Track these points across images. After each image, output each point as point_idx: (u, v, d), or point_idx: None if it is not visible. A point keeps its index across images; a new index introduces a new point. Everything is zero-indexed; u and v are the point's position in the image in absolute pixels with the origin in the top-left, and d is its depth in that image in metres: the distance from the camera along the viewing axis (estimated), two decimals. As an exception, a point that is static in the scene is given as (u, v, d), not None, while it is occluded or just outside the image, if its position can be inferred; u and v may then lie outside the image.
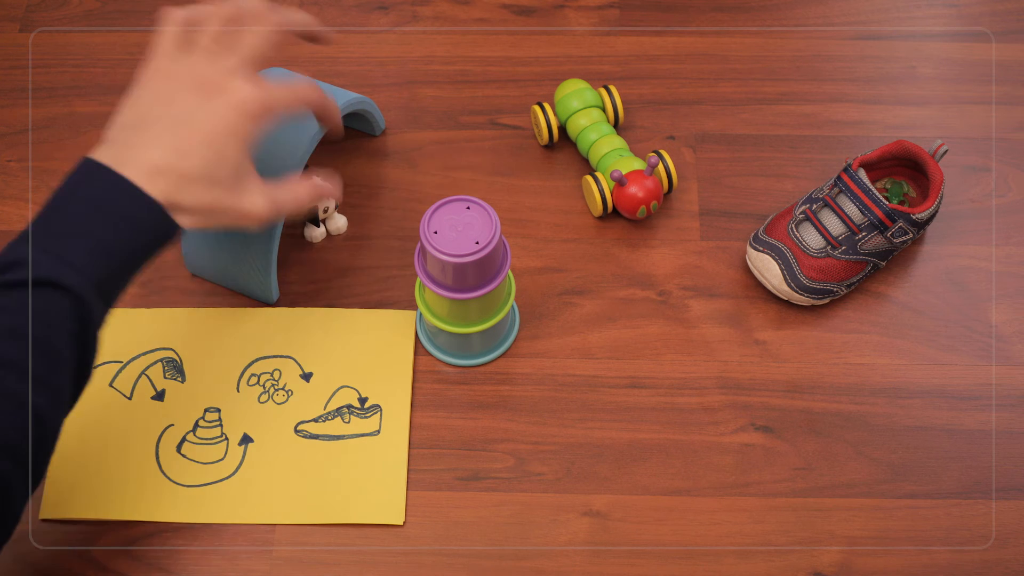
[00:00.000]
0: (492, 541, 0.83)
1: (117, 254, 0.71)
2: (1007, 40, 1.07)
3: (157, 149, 0.72)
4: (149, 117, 0.73)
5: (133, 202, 0.71)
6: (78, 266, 0.69)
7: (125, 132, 0.74)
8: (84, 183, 0.71)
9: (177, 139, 0.72)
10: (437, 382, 0.90)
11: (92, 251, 0.69)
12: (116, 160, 0.71)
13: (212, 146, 0.73)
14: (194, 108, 0.73)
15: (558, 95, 0.99)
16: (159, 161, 0.71)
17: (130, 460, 0.86)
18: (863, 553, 0.82)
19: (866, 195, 0.88)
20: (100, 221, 0.70)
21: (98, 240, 0.70)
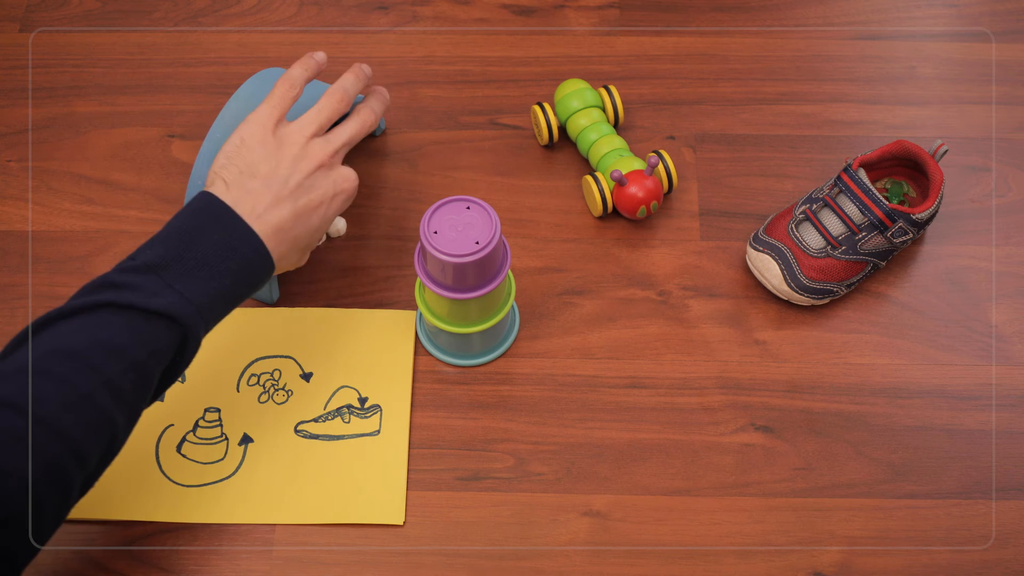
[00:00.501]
0: (492, 541, 0.83)
1: (232, 301, 0.76)
2: (1007, 40, 1.07)
3: (282, 211, 0.78)
4: (264, 171, 0.79)
5: (259, 258, 0.77)
6: (201, 309, 0.73)
7: (244, 179, 0.78)
8: (215, 225, 0.76)
9: (297, 207, 0.79)
10: (437, 382, 0.90)
11: (215, 297, 0.74)
12: (242, 209, 0.77)
13: (321, 220, 0.81)
14: (313, 180, 0.80)
15: (558, 95, 0.99)
16: (283, 224, 0.78)
17: (130, 460, 0.85)
18: (863, 553, 0.82)
19: (866, 195, 0.88)
20: (230, 269, 0.75)
21: (223, 287, 0.75)
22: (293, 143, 0.80)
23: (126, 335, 0.70)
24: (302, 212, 0.79)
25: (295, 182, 0.79)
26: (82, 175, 1.00)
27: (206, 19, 1.09)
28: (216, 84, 1.05)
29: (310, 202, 0.80)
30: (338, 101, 0.83)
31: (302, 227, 0.80)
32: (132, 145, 1.01)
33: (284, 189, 0.79)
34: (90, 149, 1.01)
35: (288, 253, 0.80)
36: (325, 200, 0.81)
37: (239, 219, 0.76)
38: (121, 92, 1.05)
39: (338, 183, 0.82)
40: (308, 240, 0.81)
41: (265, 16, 1.09)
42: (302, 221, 0.80)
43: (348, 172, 0.83)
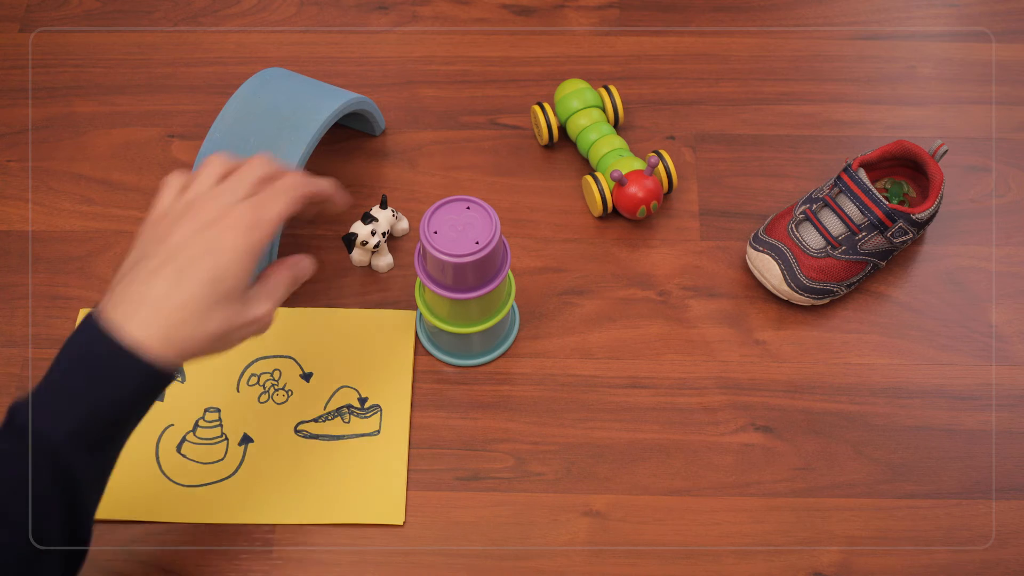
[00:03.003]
0: (492, 541, 0.83)
1: (97, 402, 0.68)
2: (1007, 40, 1.07)
3: (159, 285, 0.68)
4: (150, 251, 0.70)
5: (131, 369, 0.67)
6: (52, 414, 0.67)
7: (126, 275, 0.70)
8: (83, 344, 0.68)
9: (179, 269, 0.69)
10: (437, 382, 0.90)
11: (68, 400, 0.67)
12: (119, 311, 0.68)
13: (216, 268, 0.69)
14: (192, 238, 0.70)
15: (558, 95, 0.99)
16: (161, 299, 0.68)
17: (130, 460, 0.86)
18: (863, 553, 0.82)
19: (866, 195, 0.88)
20: (83, 375, 0.67)
21: (76, 390, 0.67)
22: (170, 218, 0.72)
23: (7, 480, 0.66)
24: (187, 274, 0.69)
25: (172, 245, 0.70)
26: (82, 175, 1.00)
27: (206, 19, 1.09)
28: (216, 84, 1.05)
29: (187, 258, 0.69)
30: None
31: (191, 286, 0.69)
32: (132, 145, 1.02)
33: (159, 258, 0.69)
34: (90, 149, 1.01)
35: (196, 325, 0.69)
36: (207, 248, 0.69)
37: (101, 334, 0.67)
38: (121, 92, 1.05)
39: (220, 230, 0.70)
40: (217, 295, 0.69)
41: (265, 16, 1.09)
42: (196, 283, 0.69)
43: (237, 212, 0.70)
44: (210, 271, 0.69)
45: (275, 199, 0.72)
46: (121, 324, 0.68)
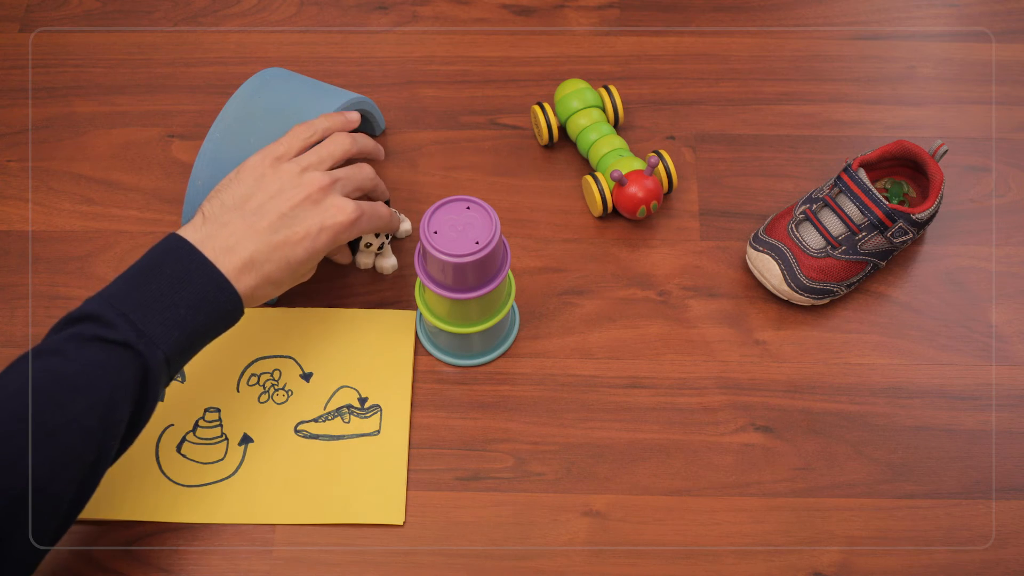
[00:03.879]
0: (492, 541, 0.83)
1: (192, 334, 0.74)
2: (1007, 40, 1.07)
3: (253, 244, 0.76)
4: (251, 203, 0.78)
5: (219, 293, 0.75)
6: (154, 339, 0.72)
7: (223, 212, 0.77)
8: (172, 260, 0.74)
9: (275, 239, 0.77)
10: (437, 382, 0.90)
11: (170, 327, 0.73)
12: (211, 245, 0.76)
13: (307, 254, 0.79)
14: (297, 211, 0.78)
15: (558, 95, 0.99)
16: (253, 257, 0.76)
17: (130, 460, 0.85)
18: (863, 553, 0.82)
19: (866, 195, 0.88)
20: (185, 302, 0.73)
21: (179, 319, 0.73)
22: (285, 173, 0.79)
23: (90, 370, 0.70)
24: (280, 245, 0.77)
25: (276, 214, 0.77)
26: (82, 175, 1.00)
27: (206, 19, 1.09)
28: (216, 84, 1.05)
29: (291, 235, 0.78)
30: (346, 141, 0.82)
31: (278, 261, 0.78)
32: (132, 145, 1.02)
33: (262, 221, 0.77)
34: (90, 149, 1.01)
35: (262, 286, 0.78)
36: (310, 234, 0.78)
37: (196, 252, 0.75)
38: (121, 92, 1.05)
39: (328, 216, 0.79)
40: (287, 274, 0.79)
41: (265, 16, 1.09)
42: (279, 254, 0.77)
43: (343, 203, 0.80)
44: (301, 255, 0.78)
45: (374, 214, 0.83)
46: (214, 260, 0.75)
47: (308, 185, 0.79)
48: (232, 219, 0.77)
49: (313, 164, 0.80)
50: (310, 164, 0.80)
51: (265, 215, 0.77)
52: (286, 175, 0.79)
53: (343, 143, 0.83)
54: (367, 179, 0.84)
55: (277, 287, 0.79)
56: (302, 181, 0.79)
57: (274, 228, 0.77)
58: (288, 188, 0.78)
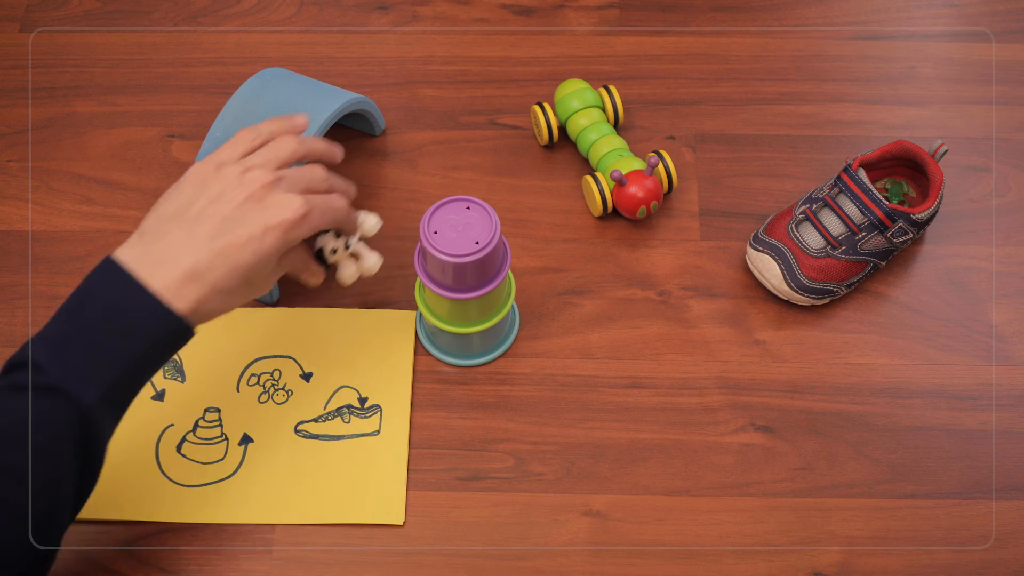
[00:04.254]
0: (492, 541, 0.83)
1: (131, 366, 0.69)
2: (1007, 40, 1.07)
3: (194, 253, 0.70)
4: (191, 211, 0.72)
5: (154, 318, 0.69)
6: (86, 377, 0.67)
7: (162, 224, 0.71)
8: (103, 288, 0.69)
9: (217, 245, 0.71)
10: (437, 382, 0.90)
11: (103, 362, 0.67)
12: (146, 261, 0.70)
13: (255, 257, 0.72)
14: (240, 212, 0.72)
15: (558, 95, 0.99)
16: (195, 267, 0.70)
17: (130, 460, 0.85)
18: (863, 553, 0.82)
19: (866, 195, 0.88)
20: (117, 332, 0.68)
21: (112, 351, 0.68)
22: (226, 176, 0.73)
23: (21, 421, 0.65)
24: (223, 250, 0.70)
25: (218, 217, 0.71)
26: (82, 175, 1.00)
27: (206, 19, 1.09)
28: (216, 84, 1.05)
29: (235, 238, 0.71)
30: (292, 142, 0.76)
31: (224, 267, 0.70)
32: (132, 145, 1.02)
33: (202, 227, 0.71)
34: (90, 149, 1.01)
35: (211, 297, 0.71)
36: (255, 235, 0.71)
37: (125, 276, 0.69)
38: (121, 92, 1.05)
39: (271, 214, 0.72)
40: (237, 282, 0.72)
41: (265, 16, 1.09)
42: (224, 260, 0.70)
43: (288, 199, 0.73)
44: (250, 258, 0.71)
45: (326, 206, 0.75)
46: (149, 278, 0.69)
47: (250, 184, 0.72)
48: (170, 230, 0.71)
49: (257, 165, 0.74)
50: (253, 165, 0.74)
51: (205, 221, 0.71)
52: (227, 177, 0.73)
53: (289, 144, 0.76)
54: (317, 179, 0.76)
55: (228, 298, 0.72)
56: (243, 180, 0.72)
57: (215, 233, 0.71)
58: (229, 190, 0.72)
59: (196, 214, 0.71)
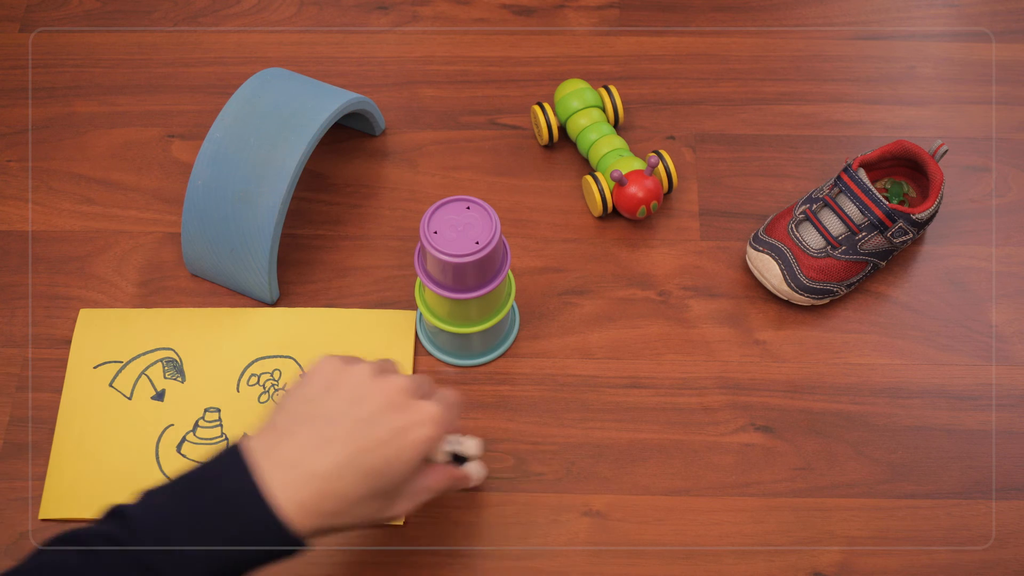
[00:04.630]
0: (492, 541, 0.83)
1: (235, 565, 0.64)
2: (1007, 40, 1.07)
3: (326, 459, 0.65)
4: (316, 409, 0.67)
5: (267, 532, 0.64)
6: (182, 562, 0.63)
7: (290, 421, 0.67)
8: (226, 479, 0.65)
9: (353, 453, 0.66)
10: (437, 382, 0.89)
11: (203, 554, 0.63)
12: (278, 457, 0.65)
13: (389, 468, 0.67)
14: (378, 419, 0.67)
15: (558, 95, 0.99)
16: (323, 476, 0.65)
17: (130, 460, 0.85)
18: (863, 553, 0.82)
19: (866, 195, 0.88)
20: (224, 534, 0.63)
21: (215, 551, 0.63)
22: (358, 378, 0.69)
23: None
24: (359, 452, 0.65)
25: (352, 419, 0.66)
26: (82, 175, 1.00)
27: (206, 19, 1.09)
28: (216, 84, 1.05)
29: (369, 442, 0.66)
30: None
31: (356, 474, 0.65)
32: (132, 145, 1.02)
33: (338, 428, 0.66)
34: (90, 149, 1.01)
35: (342, 515, 0.66)
36: (395, 442, 0.67)
37: (248, 478, 0.64)
38: (121, 92, 1.05)
39: (410, 420, 0.67)
40: (367, 490, 0.66)
41: (265, 16, 1.09)
42: (357, 467, 0.65)
43: (427, 406, 0.69)
44: (382, 465, 0.66)
45: (452, 415, 0.71)
46: (270, 481, 0.64)
47: (385, 389, 0.68)
48: (300, 429, 0.66)
49: (388, 369, 0.71)
50: (385, 368, 0.70)
51: (334, 422, 0.66)
52: (360, 375, 0.69)
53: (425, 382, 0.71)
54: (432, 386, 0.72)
55: (354, 508, 0.66)
56: (376, 385, 0.68)
57: (350, 437, 0.66)
58: (363, 392, 0.68)
59: (324, 413, 0.67)
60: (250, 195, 0.86)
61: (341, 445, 0.65)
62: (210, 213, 0.88)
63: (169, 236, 0.96)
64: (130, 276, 0.94)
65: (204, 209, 0.88)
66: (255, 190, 0.86)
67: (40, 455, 0.86)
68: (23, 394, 0.89)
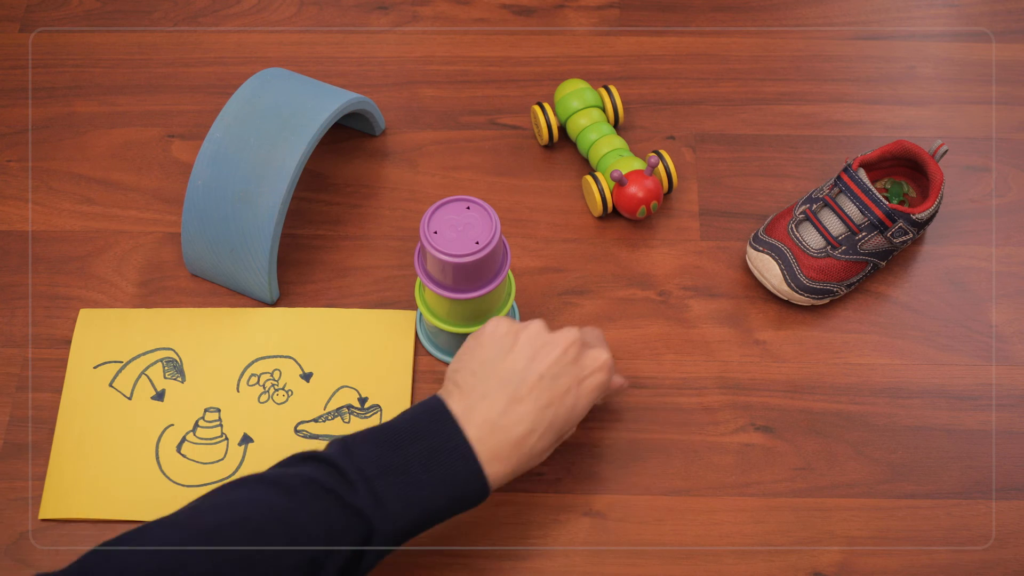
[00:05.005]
0: (492, 541, 0.83)
1: (430, 515, 0.71)
2: (1007, 40, 1.07)
3: (519, 421, 0.72)
4: (499, 369, 0.73)
5: (468, 483, 0.71)
6: (391, 515, 0.69)
7: (478, 382, 0.73)
8: (433, 433, 0.71)
9: (541, 409, 0.73)
10: (437, 382, 0.89)
11: (411, 505, 0.69)
12: (477, 418, 0.71)
13: (571, 416, 0.75)
14: (558, 370, 0.74)
15: (558, 95, 0.99)
16: (522, 437, 0.72)
17: (130, 460, 0.86)
18: (863, 553, 0.82)
19: (866, 195, 0.88)
20: (432, 482, 0.70)
21: (421, 499, 0.70)
22: (532, 335, 0.75)
23: (314, 525, 0.66)
24: (546, 412, 0.73)
25: (535, 375, 0.73)
26: (82, 175, 1.00)
27: (206, 19, 1.09)
28: (216, 84, 1.05)
29: (556, 398, 0.73)
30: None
31: (546, 430, 0.73)
32: (132, 145, 1.02)
33: (523, 386, 0.73)
34: (90, 149, 1.01)
35: (523, 467, 0.73)
36: (575, 392, 0.74)
37: (458, 432, 0.71)
38: (121, 92, 1.05)
39: (585, 368, 0.75)
40: (553, 440, 0.74)
41: (265, 16, 1.09)
42: (548, 424, 0.73)
43: (597, 353, 0.76)
44: (566, 415, 0.74)
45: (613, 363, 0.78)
46: (473, 439, 0.71)
47: (560, 342, 0.75)
48: (490, 389, 0.72)
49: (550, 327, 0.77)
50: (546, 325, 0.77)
51: (524, 380, 0.73)
52: (533, 338, 0.75)
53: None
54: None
55: (535, 459, 0.74)
56: (551, 339, 0.75)
57: (537, 393, 0.73)
58: (540, 348, 0.74)
59: (509, 372, 0.73)
60: (250, 195, 0.86)
61: (532, 403, 0.72)
62: (210, 213, 0.88)
63: (169, 236, 0.96)
64: (130, 276, 0.94)
65: (204, 209, 0.88)
66: (255, 190, 0.86)
67: (40, 455, 0.86)
68: (23, 394, 0.89)
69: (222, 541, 0.65)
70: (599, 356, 0.76)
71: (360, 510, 0.68)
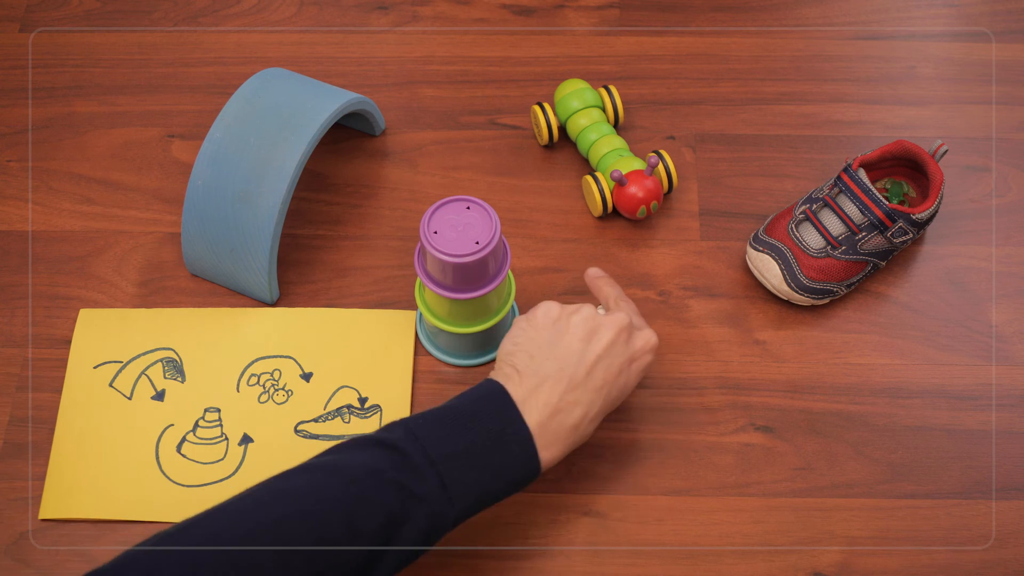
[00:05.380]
0: (492, 541, 0.83)
1: (487, 498, 0.72)
2: (1007, 40, 1.07)
3: (575, 405, 0.74)
4: (556, 353, 0.75)
5: (526, 466, 0.73)
6: (454, 499, 0.70)
7: (536, 365, 0.75)
8: (494, 418, 0.72)
9: (596, 391, 0.75)
10: (437, 382, 0.89)
11: (472, 488, 0.71)
12: (537, 402, 0.73)
13: (621, 396, 0.78)
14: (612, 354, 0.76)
15: (558, 95, 0.99)
16: (574, 422, 0.74)
17: (130, 460, 0.85)
18: (863, 553, 0.82)
19: (866, 195, 0.88)
20: (493, 466, 0.71)
21: (482, 482, 0.71)
22: (586, 317, 0.77)
23: (379, 513, 0.67)
24: (600, 388, 0.75)
25: (593, 356, 0.75)
26: (82, 175, 1.00)
27: (206, 19, 1.09)
28: (216, 84, 1.05)
29: (610, 379, 0.76)
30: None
31: (599, 412, 0.76)
32: (132, 145, 1.02)
33: (580, 369, 0.75)
34: (90, 149, 1.01)
35: (574, 446, 0.76)
36: (626, 372, 0.77)
37: (518, 417, 0.72)
38: (121, 92, 1.05)
39: (636, 350, 0.78)
40: (600, 419, 0.77)
41: (265, 16, 1.09)
42: (601, 406, 0.76)
43: (647, 333, 0.79)
44: (617, 395, 0.77)
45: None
46: (532, 424, 0.73)
47: (611, 325, 0.77)
48: (549, 372, 0.74)
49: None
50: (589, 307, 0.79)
51: (580, 363, 0.75)
52: (586, 315, 0.77)
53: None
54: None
55: (584, 440, 0.77)
56: (602, 322, 0.77)
57: (591, 375, 0.75)
58: (592, 331, 0.76)
59: (565, 357, 0.75)
60: (250, 195, 0.86)
61: (589, 386, 0.75)
62: (210, 213, 0.88)
63: (169, 236, 0.96)
64: (130, 276, 0.94)
65: (204, 209, 0.88)
66: (255, 190, 0.86)
67: (40, 455, 0.86)
68: (23, 394, 0.89)
69: (285, 534, 0.65)
70: (650, 338, 0.79)
71: (425, 498, 0.69)
